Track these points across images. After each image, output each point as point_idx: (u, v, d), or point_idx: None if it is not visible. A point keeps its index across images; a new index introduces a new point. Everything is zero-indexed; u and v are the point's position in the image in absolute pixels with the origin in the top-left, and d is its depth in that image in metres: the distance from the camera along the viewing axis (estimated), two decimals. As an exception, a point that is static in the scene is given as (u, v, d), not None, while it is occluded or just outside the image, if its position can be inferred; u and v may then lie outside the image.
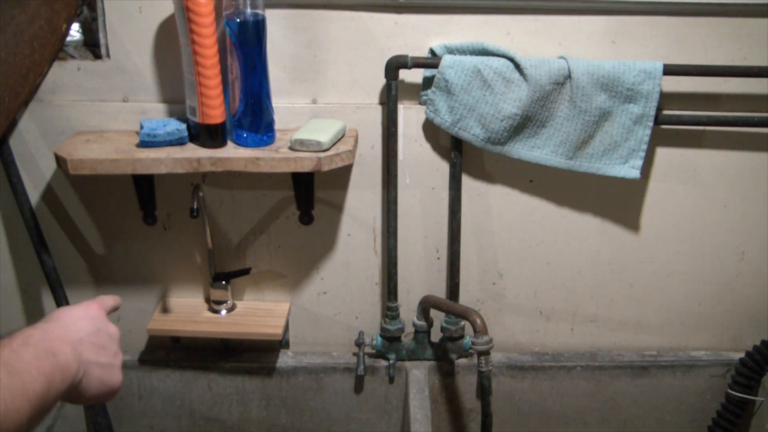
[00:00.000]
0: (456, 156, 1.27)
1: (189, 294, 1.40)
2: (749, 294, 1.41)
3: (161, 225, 1.33)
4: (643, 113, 1.21)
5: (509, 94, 1.19)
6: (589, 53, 1.22)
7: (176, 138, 1.16)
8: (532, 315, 1.43)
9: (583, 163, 1.25)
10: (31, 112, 1.24)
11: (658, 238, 1.36)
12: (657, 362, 1.43)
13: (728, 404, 1.39)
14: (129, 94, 1.24)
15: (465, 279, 1.38)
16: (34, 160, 1.27)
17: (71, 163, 1.12)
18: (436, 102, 1.22)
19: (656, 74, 1.18)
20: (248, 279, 1.38)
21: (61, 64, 1.22)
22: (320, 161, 1.14)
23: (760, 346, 1.35)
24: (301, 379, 1.42)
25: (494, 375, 1.41)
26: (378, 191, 1.32)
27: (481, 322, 1.18)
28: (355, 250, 1.36)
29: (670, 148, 1.29)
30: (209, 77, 1.11)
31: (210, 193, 1.31)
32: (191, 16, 1.07)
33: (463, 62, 1.18)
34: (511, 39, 1.21)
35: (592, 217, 1.35)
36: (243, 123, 1.16)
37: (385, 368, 1.41)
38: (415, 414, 1.28)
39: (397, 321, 1.37)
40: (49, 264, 1.28)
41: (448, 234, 1.35)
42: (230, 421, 1.46)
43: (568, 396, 1.45)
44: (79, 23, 1.24)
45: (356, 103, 1.25)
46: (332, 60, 1.22)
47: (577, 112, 1.20)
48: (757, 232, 1.36)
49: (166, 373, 1.40)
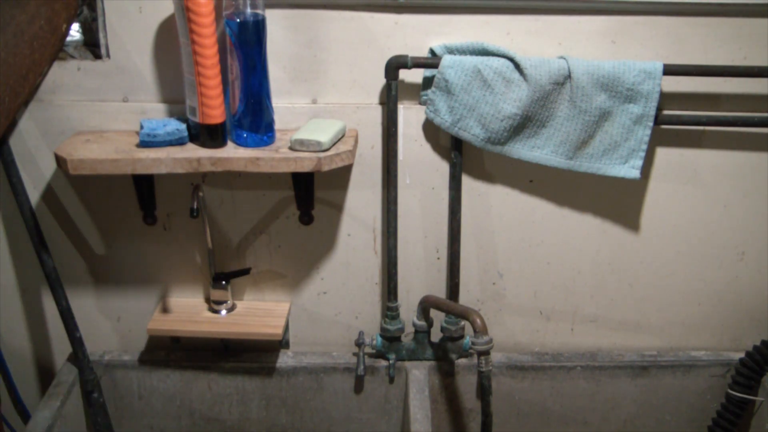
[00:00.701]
0: (456, 156, 1.27)
1: (189, 294, 1.40)
2: (749, 294, 1.42)
3: (161, 225, 1.33)
4: (643, 113, 1.21)
5: (509, 94, 1.19)
6: (589, 53, 1.22)
7: (176, 138, 1.16)
8: (532, 315, 1.43)
9: (583, 163, 1.25)
10: (31, 112, 1.24)
11: (658, 238, 1.36)
12: (657, 362, 1.43)
13: (728, 404, 1.39)
14: (129, 94, 1.24)
15: (465, 279, 1.38)
16: (34, 160, 1.27)
17: (71, 163, 1.12)
18: (436, 102, 1.22)
19: (656, 74, 1.18)
20: (248, 279, 1.38)
21: (61, 64, 1.22)
22: (320, 161, 1.14)
23: (760, 346, 1.35)
24: (301, 379, 1.42)
25: (494, 375, 1.41)
26: (378, 191, 1.32)
27: (481, 322, 1.18)
28: (355, 250, 1.36)
29: (670, 148, 1.30)
30: (209, 77, 1.11)
31: (210, 193, 1.31)
32: (191, 16, 1.07)
33: (463, 62, 1.18)
34: (511, 39, 1.21)
35: (592, 217, 1.35)
36: (243, 123, 1.16)
37: (385, 368, 1.41)
38: (415, 414, 1.28)
39: (397, 321, 1.37)
40: (49, 264, 1.28)
41: (448, 234, 1.35)
42: (230, 421, 1.46)
43: (568, 396, 1.45)
44: (79, 23, 1.24)
45: (356, 103, 1.25)
46: (332, 60, 1.22)
47: (577, 112, 1.20)
48: (757, 232, 1.36)
49: (166, 373, 1.40)
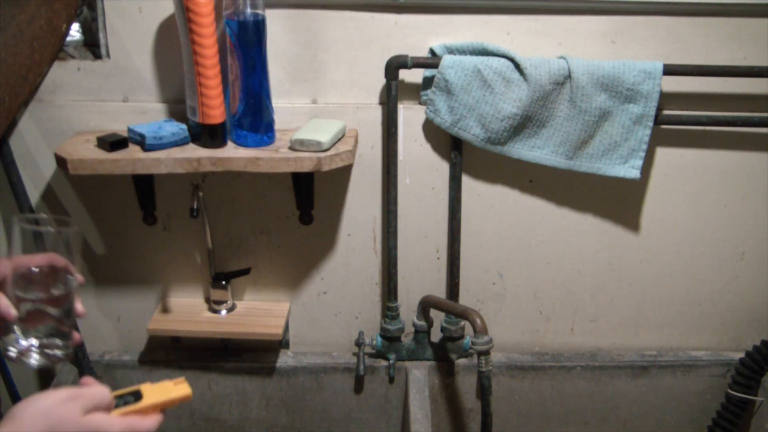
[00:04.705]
0: (456, 156, 1.27)
1: (189, 294, 1.40)
2: (749, 294, 1.42)
3: (161, 225, 1.33)
4: (643, 113, 1.21)
5: (509, 94, 1.19)
6: (589, 53, 1.22)
7: (180, 138, 1.17)
8: (532, 315, 1.43)
9: (583, 163, 1.25)
10: (31, 112, 1.24)
11: (658, 238, 1.36)
12: (657, 362, 1.43)
13: (728, 404, 1.39)
14: (129, 94, 1.24)
15: (465, 279, 1.38)
16: (34, 160, 1.27)
17: (71, 163, 1.12)
18: (436, 102, 1.22)
19: (656, 74, 1.18)
20: (248, 279, 1.38)
21: (61, 64, 1.22)
22: (320, 161, 1.14)
23: (760, 346, 1.35)
24: (301, 379, 1.42)
25: (494, 375, 1.41)
26: (378, 191, 1.32)
27: (481, 322, 1.18)
28: (355, 250, 1.36)
29: (670, 148, 1.30)
30: (209, 77, 1.11)
31: (210, 193, 1.31)
32: (191, 16, 1.07)
33: (463, 62, 1.18)
34: (511, 39, 1.21)
35: (592, 217, 1.35)
36: (243, 123, 1.16)
37: (385, 368, 1.41)
38: (415, 414, 1.28)
39: (397, 321, 1.37)
40: (49, 264, 1.28)
41: (448, 234, 1.35)
42: (230, 421, 1.46)
43: (568, 396, 1.45)
44: (79, 23, 1.24)
45: (356, 103, 1.25)
46: (332, 60, 1.22)
47: (577, 112, 1.20)
48: (757, 232, 1.36)
49: (166, 373, 1.40)
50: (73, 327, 0.77)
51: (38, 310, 0.73)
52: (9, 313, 0.70)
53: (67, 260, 0.73)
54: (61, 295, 0.74)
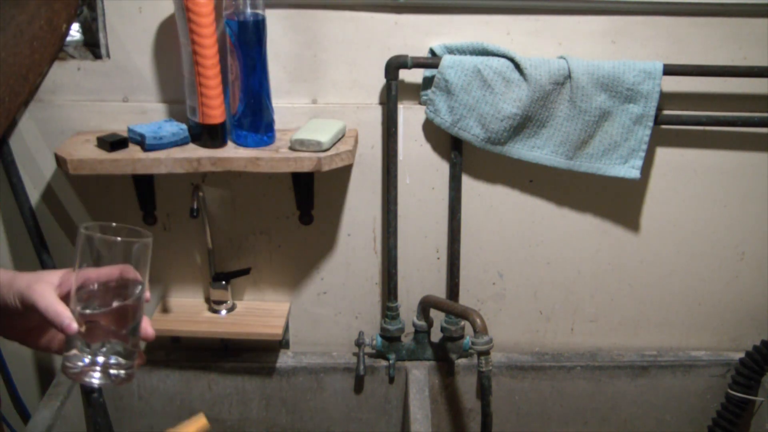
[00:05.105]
0: (456, 156, 1.27)
1: (189, 294, 1.40)
2: (749, 294, 1.41)
3: (161, 225, 1.33)
4: (643, 113, 1.21)
5: (509, 94, 1.19)
6: (589, 53, 1.22)
7: (180, 138, 1.17)
8: (532, 315, 1.43)
9: (583, 163, 1.25)
10: (31, 112, 1.24)
11: (658, 238, 1.36)
12: (657, 362, 1.43)
13: (728, 404, 1.39)
14: (129, 94, 1.24)
15: (465, 279, 1.38)
16: (34, 160, 1.27)
17: (71, 163, 1.12)
18: (436, 102, 1.22)
19: (656, 74, 1.18)
20: (248, 279, 1.38)
21: (61, 64, 1.22)
22: (320, 161, 1.14)
23: (760, 346, 1.35)
24: (301, 379, 1.42)
25: (494, 375, 1.41)
26: (378, 191, 1.32)
27: (481, 322, 1.18)
28: (355, 250, 1.36)
29: (670, 148, 1.30)
30: (209, 77, 1.11)
31: (210, 193, 1.31)
32: (191, 16, 1.07)
33: (463, 62, 1.18)
34: (511, 39, 1.21)
35: (592, 217, 1.35)
36: (243, 123, 1.16)
37: (385, 368, 1.41)
38: (415, 414, 1.28)
39: (397, 321, 1.37)
40: (49, 264, 1.28)
41: (448, 234, 1.35)
42: (230, 421, 1.46)
43: (568, 396, 1.45)
44: (79, 23, 1.24)
45: (356, 103, 1.25)
46: (332, 60, 1.22)
47: (577, 112, 1.20)
48: (757, 231, 1.36)
49: (166, 373, 1.40)
50: (138, 346, 0.72)
51: (102, 326, 0.68)
52: (71, 326, 0.66)
53: (137, 273, 0.68)
54: (128, 312, 0.69)
